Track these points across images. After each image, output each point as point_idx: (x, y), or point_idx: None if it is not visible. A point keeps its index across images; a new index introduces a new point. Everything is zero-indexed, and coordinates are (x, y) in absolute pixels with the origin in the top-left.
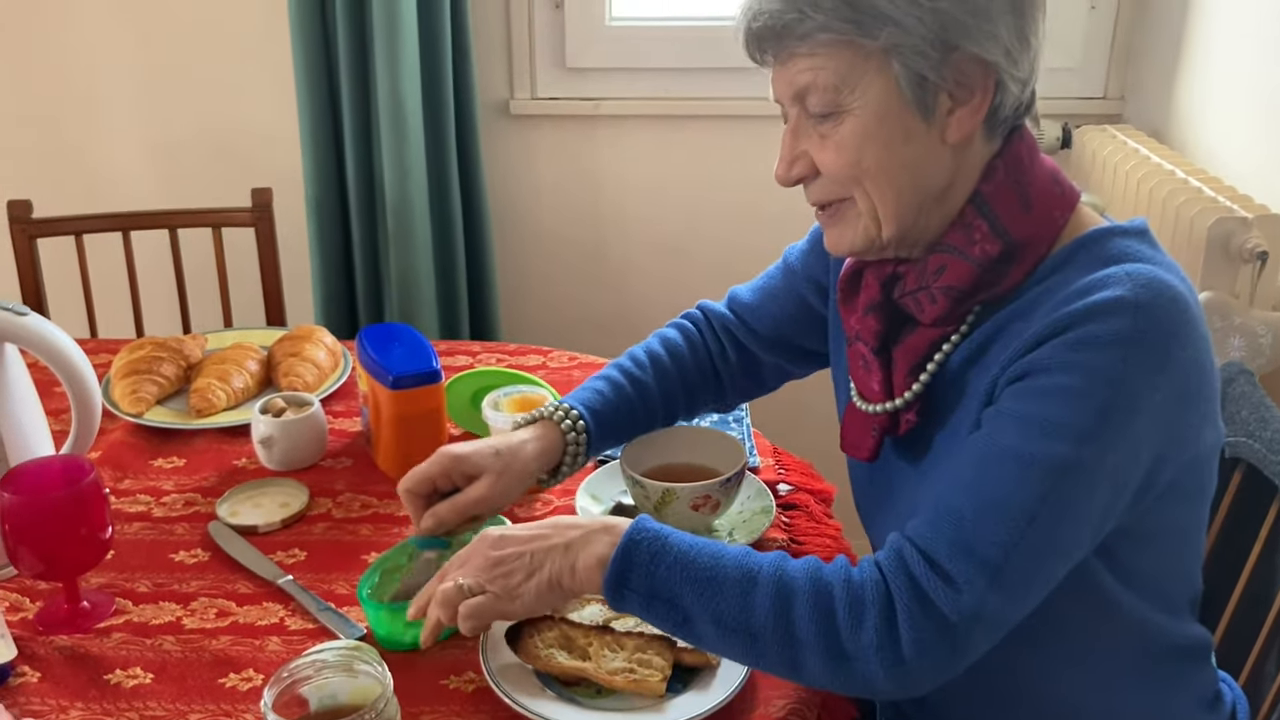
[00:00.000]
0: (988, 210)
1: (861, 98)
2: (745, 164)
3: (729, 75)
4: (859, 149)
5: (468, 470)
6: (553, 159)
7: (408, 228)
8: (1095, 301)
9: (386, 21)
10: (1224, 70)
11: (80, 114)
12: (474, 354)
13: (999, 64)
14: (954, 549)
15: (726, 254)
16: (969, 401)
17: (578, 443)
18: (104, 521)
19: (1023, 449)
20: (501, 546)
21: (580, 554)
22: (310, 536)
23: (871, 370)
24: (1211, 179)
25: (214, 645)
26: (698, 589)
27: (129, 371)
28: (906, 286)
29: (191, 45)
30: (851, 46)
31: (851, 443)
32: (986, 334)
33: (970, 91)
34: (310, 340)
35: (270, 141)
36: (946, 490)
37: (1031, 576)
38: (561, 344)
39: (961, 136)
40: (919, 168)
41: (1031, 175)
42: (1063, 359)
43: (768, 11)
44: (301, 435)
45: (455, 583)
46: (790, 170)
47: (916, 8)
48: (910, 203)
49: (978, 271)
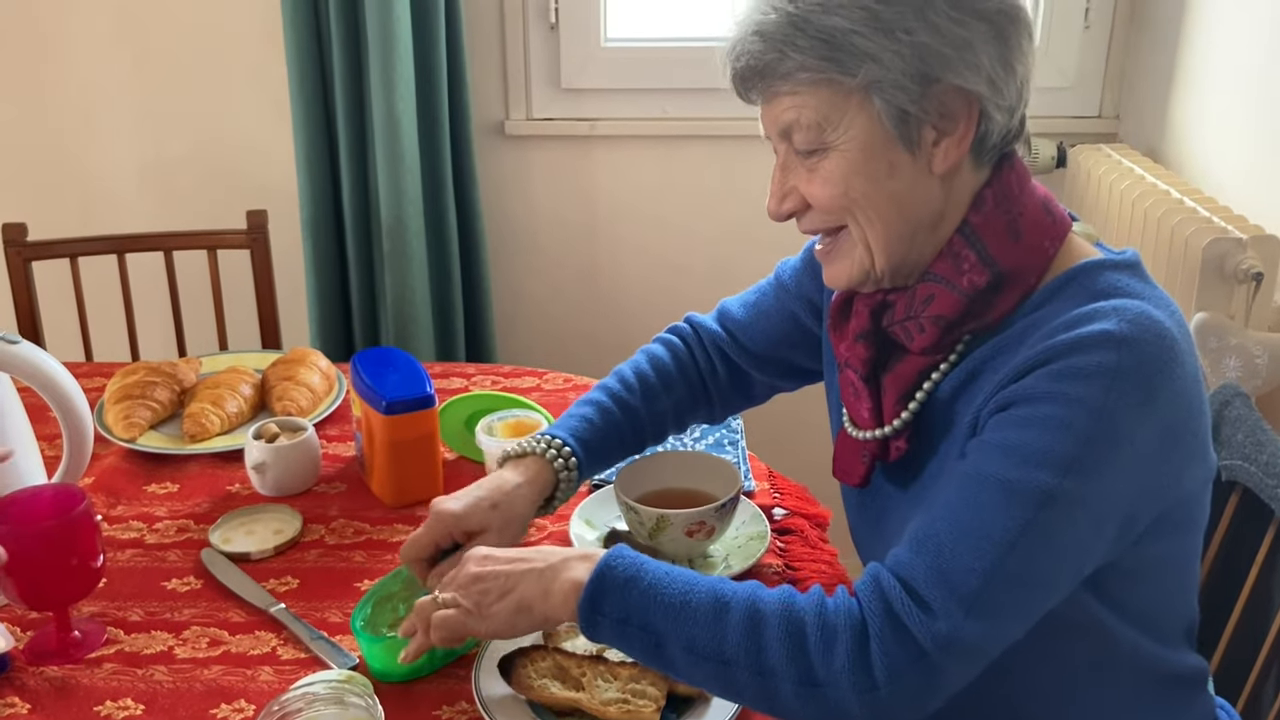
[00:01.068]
0: (976, 240)
1: (845, 133)
2: (740, 183)
3: (724, 96)
4: (845, 182)
5: (468, 529)
6: (548, 179)
7: (403, 249)
8: (1082, 334)
9: (381, 43)
10: (1219, 89)
11: (76, 136)
12: (469, 376)
13: (982, 94)
14: (931, 575)
15: (723, 273)
16: (957, 430)
17: (569, 476)
18: (95, 551)
19: (1004, 476)
20: (484, 564)
21: (556, 579)
22: (303, 564)
23: (861, 397)
24: (1206, 199)
25: (206, 675)
26: (670, 615)
27: (122, 396)
28: (895, 315)
29: (187, 67)
30: (831, 84)
31: (843, 469)
32: (975, 363)
33: (954, 122)
34: (304, 364)
35: (266, 163)
36: (927, 518)
37: (1010, 605)
38: (558, 364)
39: (948, 167)
40: (907, 199)
41: (1022, 205)
42: (1047, 389)
43: (749, 52)
44: (294, 461)
45: (431, 595)
46: (781, 205)
47: (895, 43)
48: (901, 234)
49: (965, 302)
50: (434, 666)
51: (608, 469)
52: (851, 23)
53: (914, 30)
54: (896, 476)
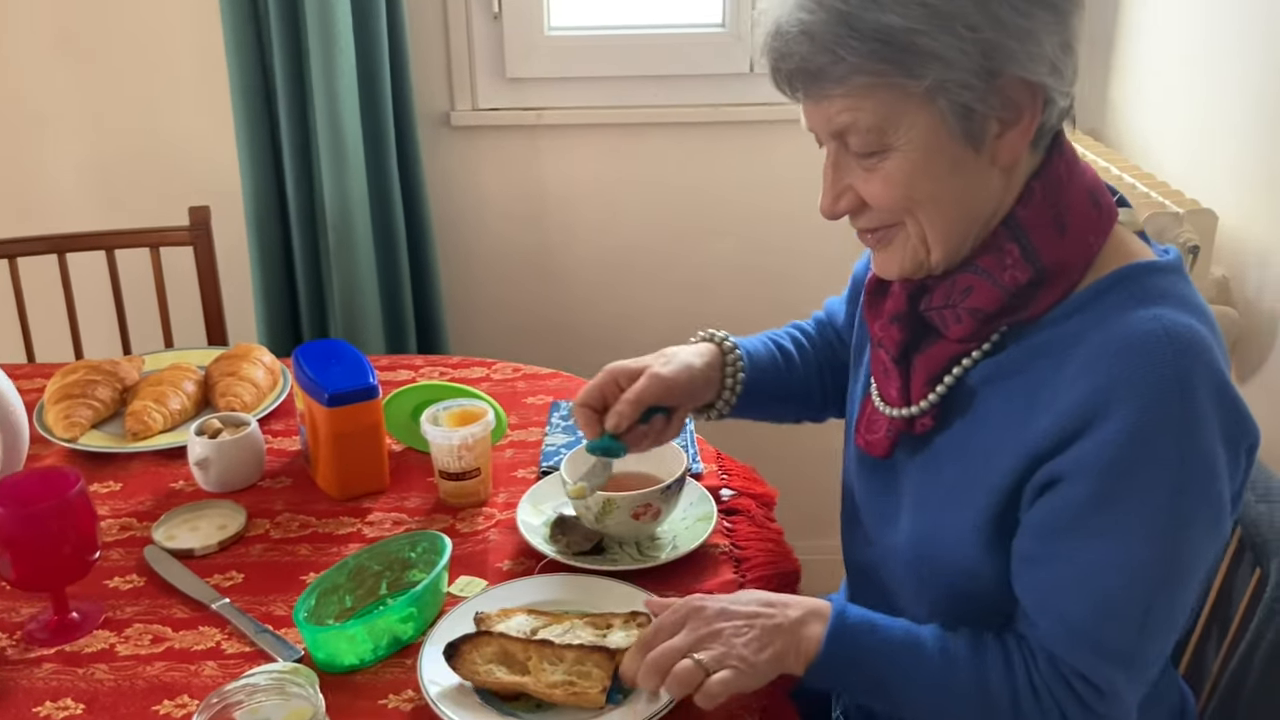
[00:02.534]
0: (1021, 234)
1: (906, 134)
2: (690, 171)
3: (671, 82)
4: (908, 184)
5: (633, 372)
6: (496, 170)
7: (349, 242)
8: (1141, 384)
9: (322, 35)
10: (1158, 67)
11: (14, 136)
12: (416, 368)
13: (1046, 83)
14: (1088, 660)
15: (672, 260)
16: (981, 418)
17: (735, 378)
18: (92, 531)
19: (1117, 559)
20: (725, 618)
21: (801, 638)
22: (248, 558)
23: (891, 376)
24: (1145, 175)
25: (148, 672)
26: (897, 690)
27: (62, 396)
28: (933, 301)
29: (125, 63)
30: (892, 88)
31: (867, 439)
32: (1012, 360)
33: (1019, 113)
34: (248, 359)
35: (209, 159)
36: (1060, 600)
37: (1162, 640)
38: (511, 355)
39: (1012, 158)
40: (970, 194)
41: (1069, 196)
42: (1126, 456)
43: (797, 54)
44: (238, 456)
45: (694, 661)
46: (836, 205)
47: (959, 40)
48: (961, 229)
49: (1005, 296)
50: (378, 656)
51: (753, 412)
52: (909, 20)
53: (977, 25)
54: (908, 445)
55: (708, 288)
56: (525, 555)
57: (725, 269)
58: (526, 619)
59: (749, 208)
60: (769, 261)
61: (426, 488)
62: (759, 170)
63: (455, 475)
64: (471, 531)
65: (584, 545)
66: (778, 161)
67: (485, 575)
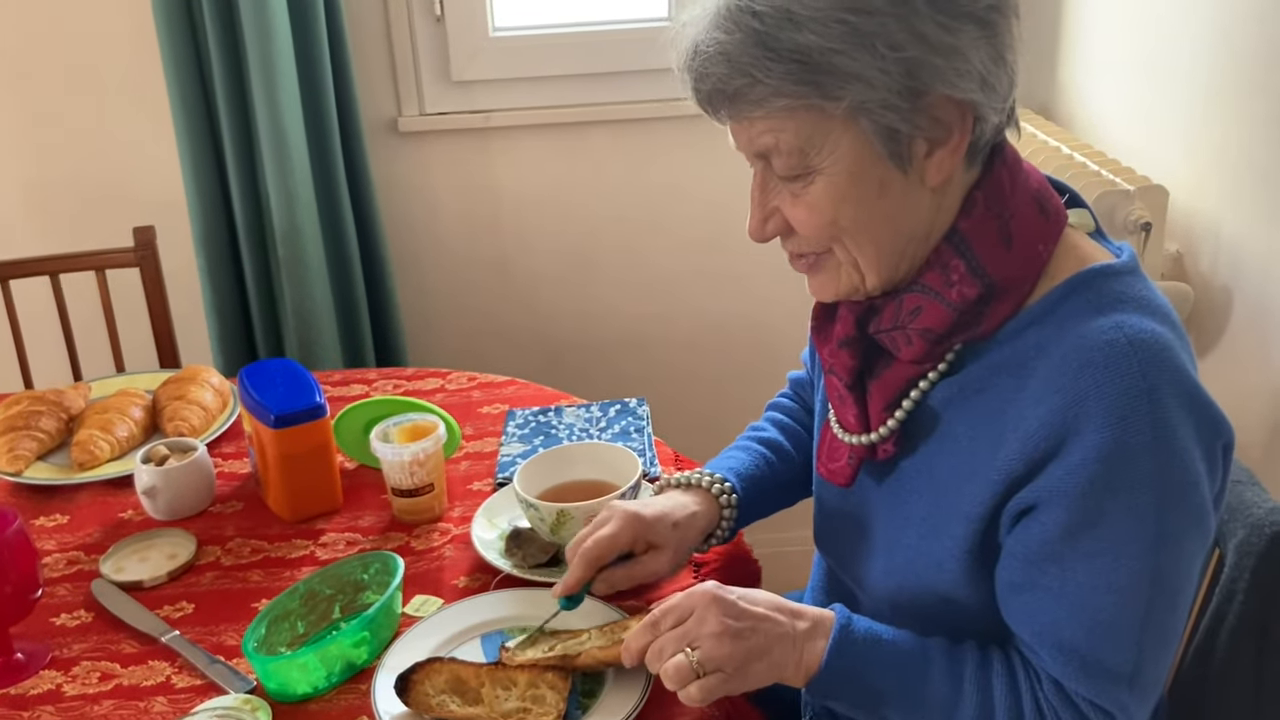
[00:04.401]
0: (965, 249)
1: (830, 156)
2: (643, 168)
3: (618, 80)
4: (833, 209)
5: (652, 539)
6: (447, 175)
7: (299, 256)
8: (1111, 401)
9: (260, 46)
10: (1103, 45)
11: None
12: (370, 382)
13: (975, 100)
14: (1093, 685)
15: (631, 259)
16: (947, 441)
17: (730, 514)
18: (33, 569)
19: (1107, 580)
20: (738, 616)
21: (805, 651)
22: (198, 588)
23: (846, 404)
24: (1096, 153)
25: (96, 711)
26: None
27: (5, 429)
28: (882, 323)
29: (59, 83)
30: (812, 109)
31: (829, 468)
32: (973, 378)
33: (948, 132)
34: (195, 381)
35: (152, 177)
36: (1055, 627)
37: (1163, 654)
38: (473, 361)
39: (942, 178)
40: (899, 216)
41: (1014, 205)
42: (1103, 475)
43: (714, 75)
44: (186, 483)
45: (688, 660)
46: (764, 228)
47: (880, 60)
48: (893, 251)
49: (954, 315)
50: (332, 683)
51: (763, 515)
52: (827, 39)
53: (899, 43)
54: (874, 473)
55: (668, 284)
56: (481, 570)
57: (685, 265)
58: (548, 641)
59: (707, 202)
60: (729, 256)
61: (381, 505)
62: (715, 163)
63: (408, 492)
64: (427, 548)
65: (540, 558)
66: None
67: (441, 593)
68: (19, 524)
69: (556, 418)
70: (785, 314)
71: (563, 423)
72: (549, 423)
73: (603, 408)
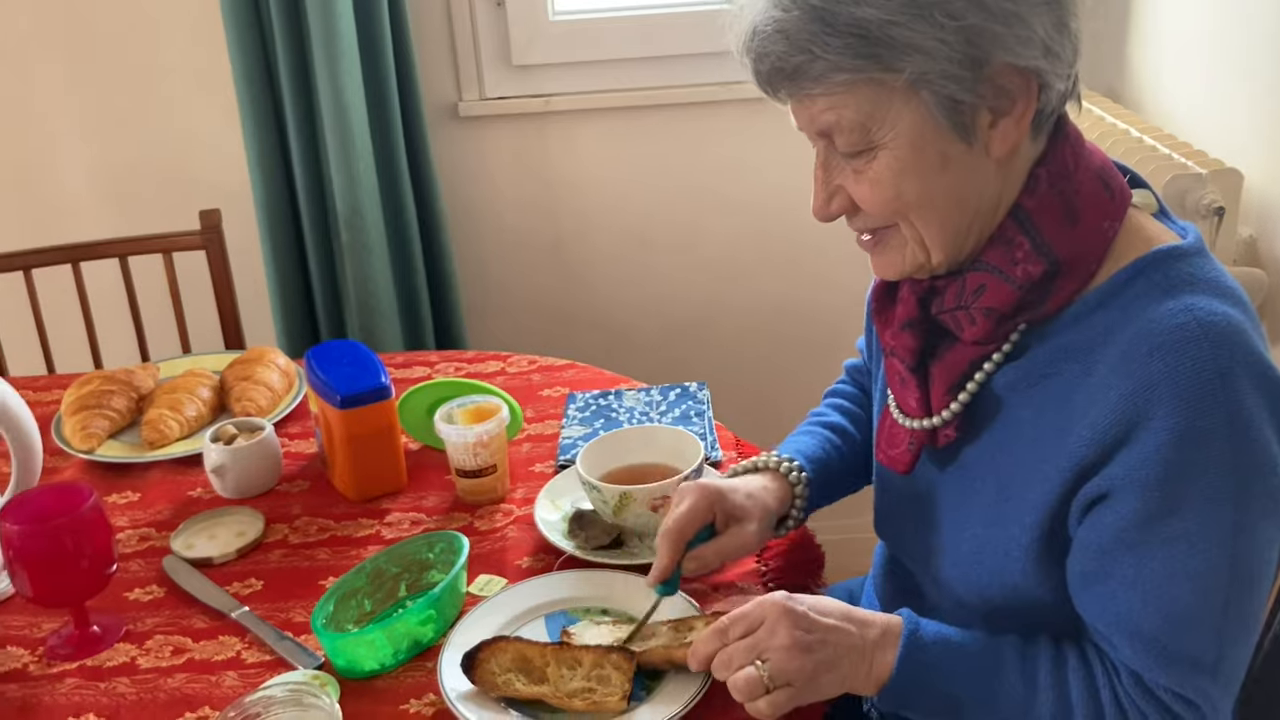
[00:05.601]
0: (1030, 226)
1: (892, 130)
2: (701, 150)
3: (677, 62)
4: (896, 183)
5: (729, 509)
6: (507, 159)
7: (361, 239)
8: (1184, 386)
9: (324, 31)
10: (1175, 24)
11: (23, 148)
12: (431, 364)
13: (1039, 67)
14: (1175, 674)
15: (690, 242)
16: (1011, 428)
17: (803, 491)
18: (108, 545)
19: (1185, 568)
20: (808, 629)
21: (875, 661)
22: (267, 565)
23: (908, 386)
24: (1166, 136)
25: (169, 684)
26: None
27: (79, 408)
28: (945, 303)
29: (129, 69)
30: (872, 83)
31: (888, 454)
32: (1037, 363)
33: (1012, 101)
34: (262, 362)
35: (218, 161)
36: (1132, 618)
37: (1244, 641)
38: (530, 344)
39: (1008, 149)
40: (964, 190)
41: (1078, 182)
42: (1178, 460)
43: (772, 53)
44: (254, 462)
45: (758, 672)
46: (828, 207)
47: (939, 29)
48: (958, 226)
49: (1019, 293)
50: (399, 660)
51: (831, 499)
52: (885, 11)
53: (958, 12)
54: (935, 458)
55: (728, 268)
56: (544, 551)
57: (744, 249)
58: (611, 629)
59: (767, 186)
60: (788, 241)
61: (444, 486)
62: (774, 147)
63: (471, 473)
64: (490, 529)
65: (602, 540)
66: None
67: (505, 573)
68: (95, 500)
69: (617, 401)
70: (846, 299)
71: (623, 406)
72: (609, 406)
73: (663, 391)
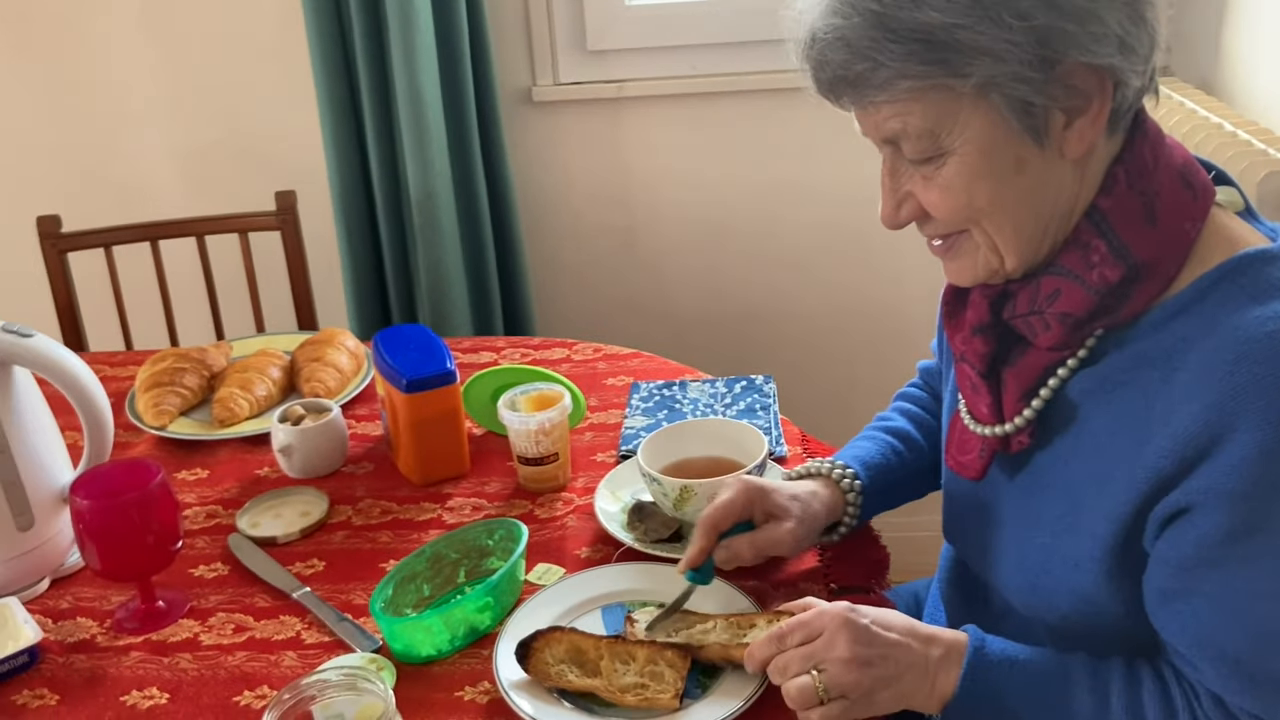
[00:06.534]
0: (1106, 228)
1: (961, 136)
2: (775, 138)
3: (753, 49)
4: (968, 189)
5: (769, 507)
6: (579, 145)
7: (434, 223)
8: (1253, 402)
9: (401, 15)
10: (1272, 11)
11: (107, 126)
12: (498, 350)
13: (1114, 65)
14: (1260, 698)
15: (762, 230)
16: (1086, 436)
17: (855, 499)
18: (174, 521)
19: (1272, 586)
20: (868, 643)
21: (938, 679)
22: (330, 545)
23: (980, 393)
24: (1262, 131)
25: (230, 662)
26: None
27: (152, 384)
28: (1017, 308)
29: (210, 51)
30: (939, 89)
31: (958, 461)
32: (1115, 369)
33: (1086, 100)
34: (332, 344)
35: (295, 142)
36: (1215, 636)
37: None
38: (597, 332)
39: (1083, 150)
40: (1039, 193)
41: (1157, 180)
42: (1246, 484)
43: (833, 62)
44: (321, 443)
45: (814, 682)
46: (897, 214)
47: (1008, 31)
48: (1032, 230)
49: (1095, 299)
50: (455, 647)
51: (890, 505)
52: (950, 15)
53: (1027, 12)
54: (1005, 465)
55: (799, 259)
56: (603, 542)
57: (817, 240)
58: (674, 624)
59: (842, 176)
60: (863, 234)
61: (507, 472)
62: (851, 136)
63: (533, 460)
64: (550, 517)
65: (662, 533)
66: None
67: (563, 563)
68: (162, 477)
69: (681, 392)
70: (920, 294)
71: (687, 397)
72: (673, 397)
73: (728, 383)
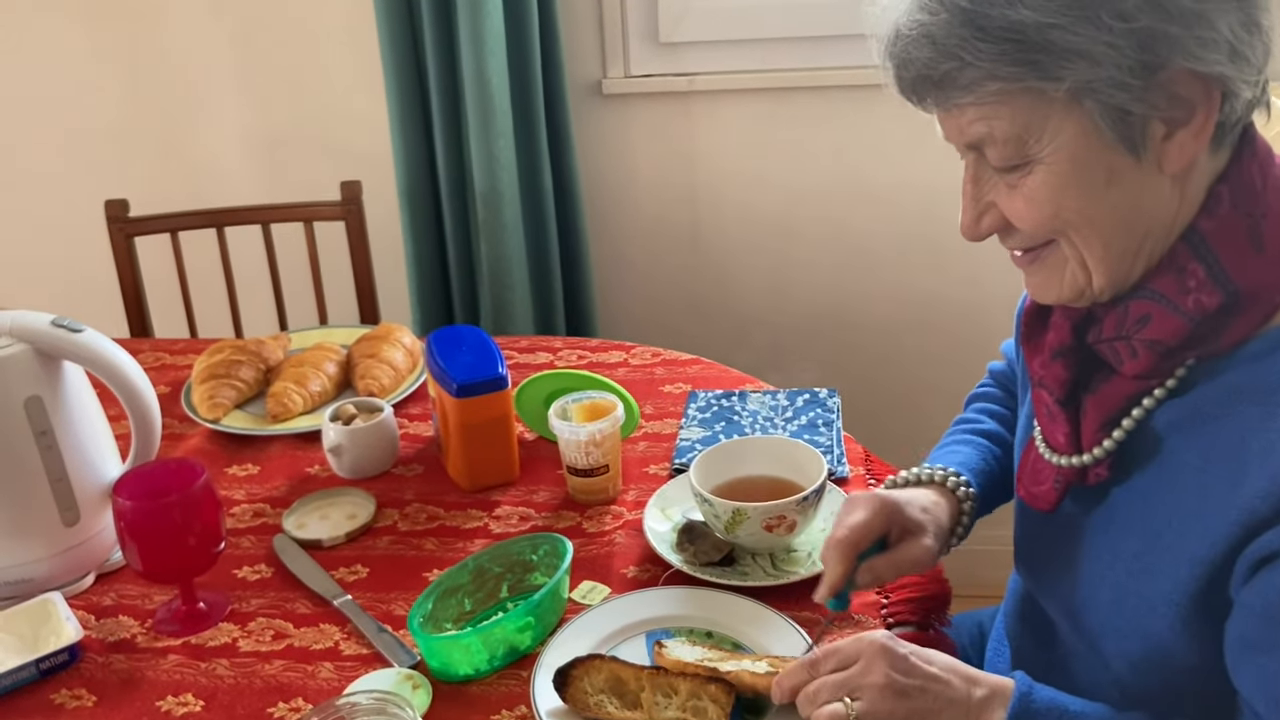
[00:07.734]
0: (1206, 251)
1: (1051, 143)
2: (847, 136)
3: (827, 44)
4: (1055, 201)
5: (905, 523)
6: (647, 139)
7: (498, 217)
8: None
9: (471, 5)
10: None
11: (177, 112)
12: (555, 351)
13: (1222, 73)
14: None
15: (831, 232)
16: (1170, 471)
17: (970, 512)
18: (216, 523)
19: None
20: (906, 672)
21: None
22: (374, 550)
23: (1057, 421)
24: None
25: (266, 671)
26: None
27: (208, 376)
28: (1103, 333)
29: (281, 40)
30: (1029, 92)
31: (1031, 491)
32: (1207, 400)
33: (1190, 111)
34: (388, 341)
35: (362, 132)
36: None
37: None
38: (658, 330)
39: (1184, 164)
40: (1132, 209)
41: (1265, 203)
42: None
43: (918, 60)
44: (371, 444)
45: (846, 710)
46: (978, 225)
47: (1107, 32)
48: (1124, 248)
49: (1190, 326)
50: (494, 667)
51: (988, 511)
52: (1044, 14)
53: (1129, 12)
54: (1081, 499)
55: (869, 262)
56: (651, 562)
57: (887, 242)
58: (704, 650)
59: (915, 177)
60: (936, 235)
61: (556, 480)
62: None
63: (583, 471)
64: (598, 532)
65: (713, 556)
66: None
67: (609, 581)
68: (205, 479)
69: (740, 403)
70: (996, 299)
71: (746, 409)
72: (732, 408)
73: (790, 396)
